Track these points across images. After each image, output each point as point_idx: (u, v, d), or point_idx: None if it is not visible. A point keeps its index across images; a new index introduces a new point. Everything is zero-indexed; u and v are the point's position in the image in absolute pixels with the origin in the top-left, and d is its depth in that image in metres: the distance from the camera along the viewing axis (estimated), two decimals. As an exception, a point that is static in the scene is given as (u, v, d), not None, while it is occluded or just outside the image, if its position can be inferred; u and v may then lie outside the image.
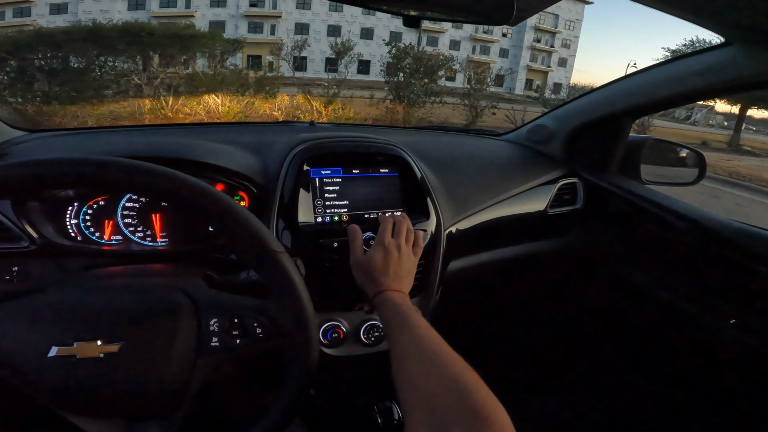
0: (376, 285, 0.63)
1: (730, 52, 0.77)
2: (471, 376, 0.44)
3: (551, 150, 1.18)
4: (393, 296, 0.61)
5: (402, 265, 0.66)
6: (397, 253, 0.66)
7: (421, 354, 0.48)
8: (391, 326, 0.56)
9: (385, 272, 0.64)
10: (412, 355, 0.49)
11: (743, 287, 0.88)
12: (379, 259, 0.65)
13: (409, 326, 0.53)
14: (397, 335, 0.53)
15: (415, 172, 0.84)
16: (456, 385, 0.42)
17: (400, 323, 0.55)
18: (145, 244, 0.71)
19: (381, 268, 0.64)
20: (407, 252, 0.68)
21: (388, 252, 0.66)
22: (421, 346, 0.49)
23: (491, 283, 1.20)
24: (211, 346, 0.46)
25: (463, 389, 0.41)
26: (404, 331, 0.53)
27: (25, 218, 0.64)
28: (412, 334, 0.52)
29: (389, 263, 0.65)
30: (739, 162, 11.35)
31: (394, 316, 0.57)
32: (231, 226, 0.44)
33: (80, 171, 0.41)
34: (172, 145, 0.78)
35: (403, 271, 0.66)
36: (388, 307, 0.59)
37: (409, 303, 0.61)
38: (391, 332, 0.55)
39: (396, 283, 0.64)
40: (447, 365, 0.45)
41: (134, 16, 23.74)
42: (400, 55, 9.91)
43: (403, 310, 0.57)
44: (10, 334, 0.42)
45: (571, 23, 34.82)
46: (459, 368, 0.45)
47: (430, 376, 0.44)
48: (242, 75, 9.32)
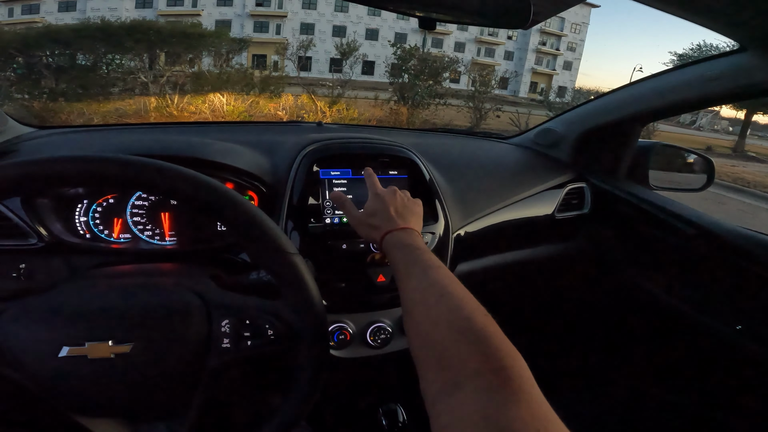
0: (380, 229, 0.58)
1: (745, 58, 0.77)
2: (485, 321, 0.39)
3: (559, 154, 1.18)
4: (400, 236, 0.56)
5: (404, 205, 0.62)
6: (393, 196, 0.62)
7: (431, 298, 0.43)
8: (400, 268, 0.50)
9: (386, 215, 0.59)
10: (421, 300, 0.44)
11: (750, 293, 0.87)
12: (377, 204, 0.61)
13: (418, 267, 0.48)
14: (405, 279, 0.48)
15: (424, 175, 0.84)
16: (469, 332, 0.37)
17: (409, 265, 0.50)
18: (154, 243, 0.71)
19: (381, 211, 0.60)
20: (406, 196, 0.65)
21: (383, 197, 0.62)
22: (431, 288, 0.44)
23: (498, 287, 1.20)
24: (222, 347, 0.45)
25: (476, 336, 0.36)
26: (414, 274, 0.48)
27: (34, 215, 0.64)
28: (421, 276, 0.47)
29: (388, 205, 0.60)
30: (744, 168, 11.28)
31: (403, 257, 0.52)
32: (245, 227, 0.44)
33: (102, 170, 0.41)
34: (182, 143, 0.78)
35: (407, 211, 0.61)
36: (396, 249, 0.54)
37: (418, 241, 0.55)
38: (400, 275, 0.50)
39: (400, 221, 0.59)
40: (460, 308, 0.40)
41: (142, 14, 23.85)
42: (404, 56, 9.90)
43: (411, 250, 0.52)
44: (20, 333, 0.42)
45: (577, 26, 34.76)
46: (471, 312, 0.39)
47: (439, 323, 0.39)
48: (247, 74, 9.35)
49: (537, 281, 1.27)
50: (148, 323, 0.43)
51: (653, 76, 0.99)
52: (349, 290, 0.74)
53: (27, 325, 0.42)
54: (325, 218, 0.76)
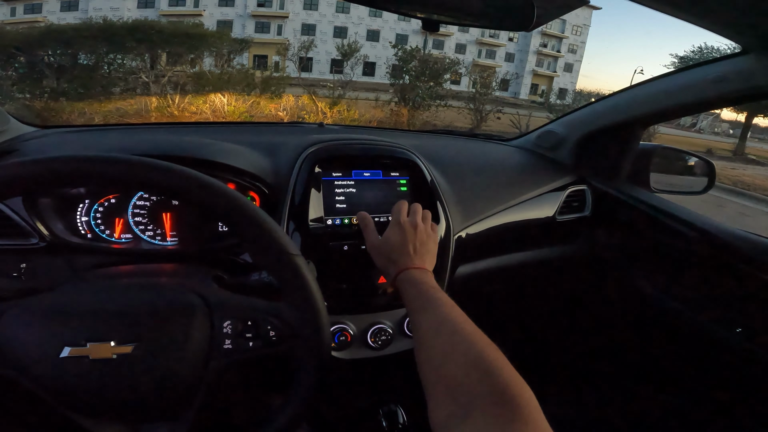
0: (396, 265, 0.61)
1: (747, 61, 0.77)
2: (496, 354, 0.41)
3: (560, 156, 1.18)
4: (414, 274, 0.58)
5: (421, 242, 0.63)
6: (413, 231, 0.64)
7: (444, 332, 0.46)
8: (414, 305, 0.53)
9: (403, 250, 0.61)
10: (434, 334, 0.46)
11: (750, 296, 0.87)
12: (396, 237, 0.63)
13: (431, 304, 0.51)
14: (419, 314, 0.51)
15: (425, 177, 0.84)
16: (480, 364, 0.39)
17: (423, 302, 0.52)
18: (155, 243, 0.71)
19: (399, 246, 0.62)
20: (425, 229, 0.66)
21: (404, 230, 0.63)
22: (444, 323, 0.47)
23: (498, 289, 1.20)
24: (224, 348, 0.45)
25: (487, 368, 0.39)
26: (427, 310, 0.50)
27: (35, 215, 0.64)
28: (434, 312, 0.49)
29: (407, 241, 0.62)
30: (744, 171, 11.29)
31: (416, 294, 0.54)
32: (247, 228, 0.44)
33: (102, 170, 0.41)
34: (183, 143, 0.78)
35: (424, 248, 0.63)
36: (410, 285, 0.56)
37: (432, 281, 0.58)
38: (413, 311, 0.52)
39: (417, 260, 0.61)
40: (471, 343, 0.42)
41: (144, 14, 23.90)
42: (405, 57, 9.92)
43: (425, 289, 0.55)
44: (22, 333, 0.42)
45: (578, 28, 34.82)
46: (483, 346, 0.42)
47: (452, 355, 0.42)
48: (248, 75, 9.37)
49: (537, 284, 1.27)
50: (150, 324, 0.43)
51: (654, 79, 0.99)
52: (350, 291, 0.74)
53: (28, 325, 0.42)
54: (327, 219, 0.76)
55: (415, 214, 0.67)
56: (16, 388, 0.42)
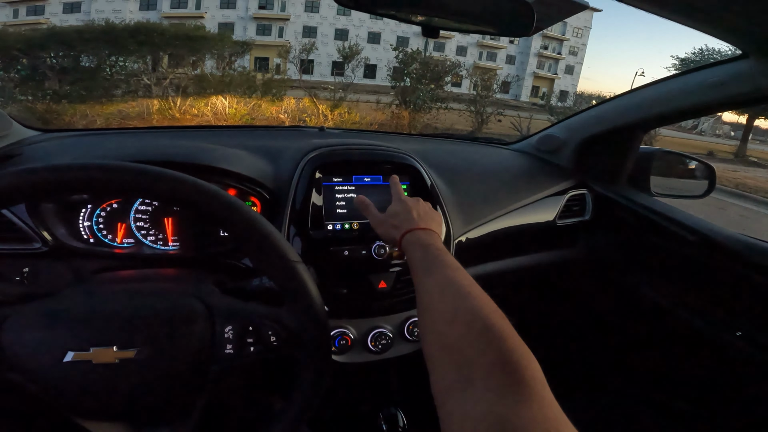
0: (401, 228, 0.59)
1: (747, 65, 0.77)
2: (502, 322, 0.39)
3: (561, 160, 1.18)
4: (420, 235, 0.56)
5: (425, 211, 0.63)
6: (416, 202, 0.64)
7: (448, 295, 0.43)
8: (419, 268, 0.50)
9: (408, 216, 0.60)
10: (438, 297, 0.44)
11: (750, 300, 0.87)
12: (399, 208, 0.63)
13: (437, 266, 0.48)
14: (424, 276, 0.48)
15: (425, 181, 0.85)
16: (484, 331, 0.37)
17: (428, 264, 0.50)
18: (157, 248, 0.72)
19: (404, 213, 0.61)
20: (426, 204, 0.66)
21: (406, 202, 0.64)
22: (449, 286, 0.44)
23: (499, 293, 1.20)
24: (226, 353, 0.46)
25: (491, 335, 0.37)
26: (431, 272, 0.48)
27: (38, 220, 0.64)
28: (440, 274, 0.47)
29: (410, 209, 0.62)
30: (746, 173, 11.28)
31: (422, 256, 0.52)
32: (248, 235, 0.44)
33: (100, 177, 0.41)
34: (185, 149, 0.78)
35: (428, 215, 0.62)
36: (416, 247, 0.54)
37: (438, 242, 0.56)
38: (417, 274, 0.50)
39: (422, 223, 0.59)
40: (476, 308, 0.40)
41: (145, 16, 24.03)
42: (407, 60, 9.94)
43: (431, 250, 0.52)
44: (25, 338, 0.42)
45: (579, 31, 34.86)
46: (488, 312, 0.40)
47: (455, 320, 0.40)
48: (250, 77, 9.38)
49: (538, 288, 1.27)
50: (152, 328, 0.44)
51: (655, 82, 0.99)
52: (350, 296, 0.74)
53: (32, 330, 0.42)
54: (327, 225, 0.76)
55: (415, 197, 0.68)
56: (19, 392, 0.42)
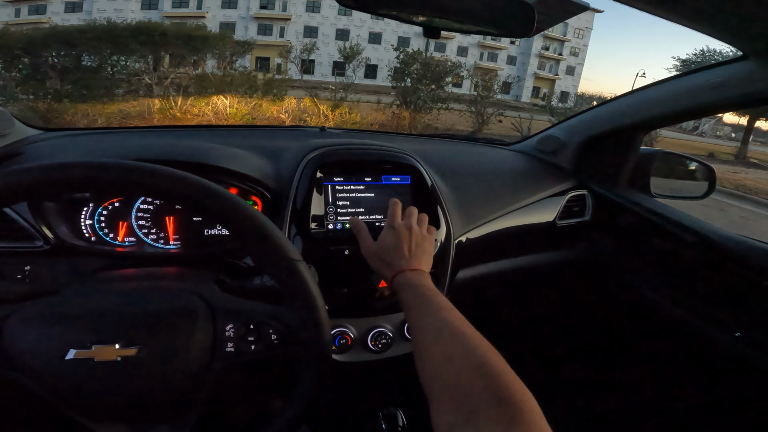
0: (392, 267, 0.60)
1: (747, 66, 0.77)
2: (498, 359, 0.41)
3: (561, 161, 1.18)
4: (411, 277, 0.57)
5: (416, 244, 0.63)
6: (408, 233, 0.63)
7: (445, 336, 0.45)
8: (412, 309, 0.52)
9: (399, 253, 0.61)
10: (434, 338, 0.46)
11: (749, 301, 0.88)
12: (391, 240, 0.62)
13: (431, 308, 0.50)
14: (419, 318, 0.50)
15: (426, 181, 0.85)
16: (482, 369, 0.39)
17: (421, 305, 0.51)
18: (158, 247, 0.72)
19: (394, 248, 0.61)
20: (420, 231, 0.65)
21: (398, 232, 0.63)
22: (444, 328, 0.46)
23: (499, 293, 1.20)
24: (226, 351, 0.46)
25: (489, 373, 0.39)
26: (426, 314, 0.50)
27: (40, 218, 0.65)
28: (434, 316, 0.49)
29: (401, 243, 0.62)
30: (746, 174, 11.27)
31: (415, 297, 0.53)
32: (250, 233, 0.45)
33: (103, 175, 0.41)
34: (187, 148, 0.79)
35: (419, 249, 0.63)
36: (407, 288, 0.56)
37: (429, 283, 0.57)
38: (411, 315, 0.52)
39: (413, 262, 0.60)
40: (472, 348, 0.42)
41: (147, 16, 24.07)
42: (407, 60, 9.94)
43: (422, 291, 0.54)
44: (28, 336, 0.42)
45: (580, 31, 34.86)
46: (484, 351, 0.42)
47: (454, 360, 0.42)
48: (251, 77, 9.39)
49: (538, 288, 1.27)
50: (154, 327, 0.44)
51: (655, 84, 0.99)
52: (350, 295, 0.74)
53: (34, 327, 0.42)
54: (328, 224, 0.77)
55: (410, 217, 0.67)
56: (21, 390, 0.42)
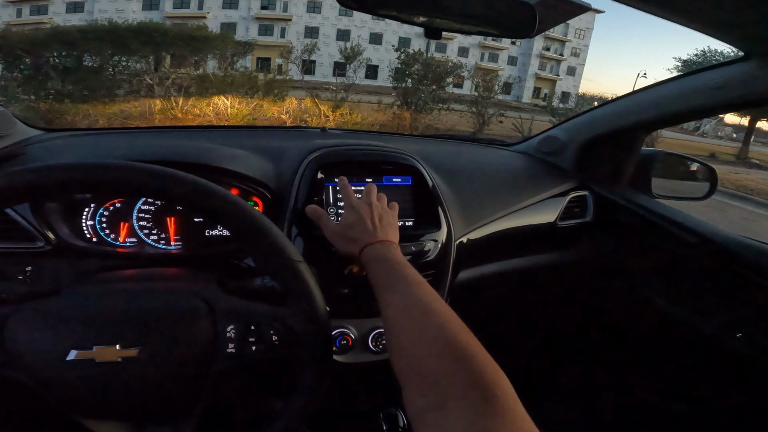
0: (358, 242, 0.57)
1: (748, 67, 0.77)
2: (469, 338, 0.39)
3: (562, 162, 1.18)
4: (378, 249, 0.55)
5: (379, 217, 0.61)
6: (368, 208, 0.61)
7: (413, 313, 0.43)
8: (380, 283, 0.50)
9: (362, 226, 0.59)
10: (403, 315, 0.44)
11: (750, 302, 0.87)
12: (353, 216, 0.60)
13: (399, 282, 0.48)
14: (387, 293, 0.48)
15: (427, 182, 0.85)
16: (452, 349, 0.38)
17: (390, 279, 0.49)
18: (159, 247, 0.72)
19: (357, 225, 0.59)
20: (381, 207, 0.63)
21: (358, 209, 0.61)
22: (415, 303, 0.44)
23: (500, 294, 1.20)
24: (228, 352, 0.46)
25: (461, 355, 0.37)
26: (394, 289, 0.47)
27: (42, 219, 0.65)
28: (403, 292, 0.46)
29: (364, 217, 0.60)
30: (747, 175, 11.25)
31: (383, 272, 0.51)
32: (251, 234, 0.45)
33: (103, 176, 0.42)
34: (188, 149, 0.79)
35: (384, 222, 0.61)
36: (375, 262, 0.53)
37: (399, 255, 0.55)
38: (380, 290, 0.49)
39: (380, 234, 0.58)
40: (442, 326, 0.40)
41: (148, 16, 24.12)
42: (408, 60, 9.95)
43: (390, 265, 0.51)
44: (29, 337, 0.42)
45: (581, 32, 34.85)
46: (455, 329, 0.40)
47: (423, 339, 0.40)
48: (252, 77, 9.41)
49: (539, 289, 1.27)
50: (155, 327, 0.44)
51: (656, 84, 0.99)
52: (351, 296, 0.74)
53: (35, 328, 0.42)
54: (329, 224, 0.77)
55: (369, 194, 0.65)
56: (22, 391, 0.42)
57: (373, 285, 0.51)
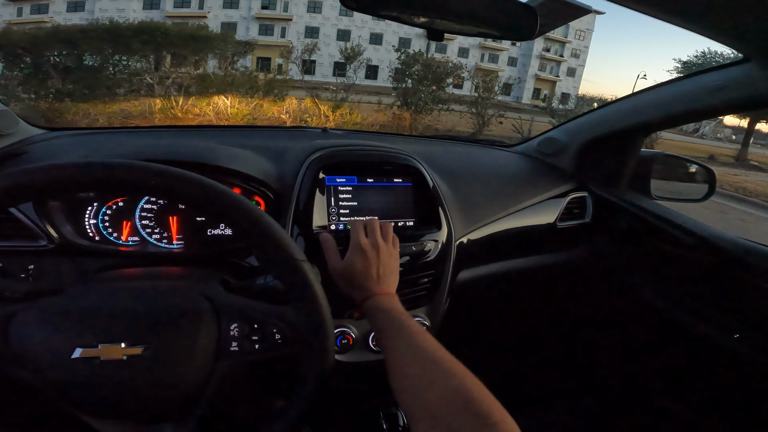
0: (361, 291, 0.61)
1: (748, 69, 0.77)
2: (475, 382, 0.43)
3: (562, 163, 1.19)
4: (381, 300, 0.58)
5: (384, 264, 0.63)
6: (375, 253, 0.63)
7: (422, 361, 0.47)
8: (385, 333, 0.53)
9: (367, 275, 0.61)
10: (411, 362, 0.47)
11: (747, 303, 0.88)
12: (359, 262, 0.62)
13: (404, 332, 0.51)
14: (393, 342, 0.51)
15: (427, 183, 0.85)
16: (461, 392, 0.41)
17: (395, 330, 0.53)
18: (161, 246, 0.72)
19: (362, 271, 0.61)
20: (386, 248, 0.65)
21: (365, 253, 0.62)
22: (420, 352, 0.48)
23: (499, 294, 1.20)
24: (231, 350, 0.46)
25: (468, 396, 0.41)
26: (400, 338, 0.51)
27: (45, 217, 0.65)
28: (409, 340, 0.50)
29: (370, 264, 0.62)
30: (746, 177, 11.26)
31: (387, 322, 0.54)
32: (254, 233, 0.45)
33: (111, 175, 0.42)
34: (191, 149, 0.79)
35: (386, 270, 0.63)
36: (378, 312, 0.57)
37: (399, 306, 0.58)
38: (385, 339, 0.53)
39: (383, 285, 0.61)
40: (450, 372, 0.44)
41: (149, 16, 24.09)
42: (408, 61, 9.94)
43: (395, 315, 0.55)
44: (35, 335, 0.43)
45: (582, 33, 34.86)
46: (462, 375, 0.44)
47: (433, 384, 0.43)
48: (252, 77, 9.40)
49: (538, 289, 1.27)
50: (159, 326, 0.44)
51: (656, 86, 0.99)
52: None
53: (41, 326, 0.43)
54: (330, 224, 0.77)
55: (374, 233, 0.66)
56: (27, 388, 0.43)
57: (376, 332, 0.56)
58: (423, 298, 0.81)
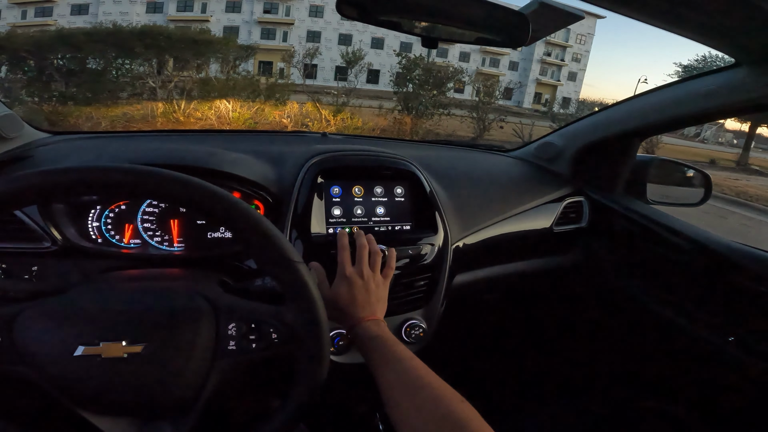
0: (348, 318, 0.61)
1: (740, 73, 0.78)
2: (464, 407, 0.44)
3: (558, 168, 1.20)
4: (369, 327, 0.59)
5: (370, 292, 0.63)
6: (360, 281, 0.63)
7: (411, 387, 0.48)
8: (374, 360, 0.54)
9: (353, 304, 0.62)
10: (401, 389, 0.49)
11: (742, 306, 0.89)
12: (344, 291, 0.62)
13: (393, 359, 0.53)
14: (382, 369, 0.52)
15: (424, 187, 0.86)
16: (450, 418, 0.43)
17: (383, 356, 0.54)
18: (163, 249, 0.74)
19: (347, 300, 0.62)
20: (372, 276, 0.65)
21: (351, 282, 0.63)
22: (410, 379, 0.49)
23: (495, 297, 1.21)
24: (229, 349, 0.47)
25: (457, 422, 0.42)
26: (389, 364, 0.52)
27: (49, 219, 0.66)
28: (398, 366, 0.51)
29: (355, 294, 0.62)
30: (747, 181, 11.24)
31: (375, 349, 0.55)
32: (253, 236, 0.46)
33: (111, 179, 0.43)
34: (192, 153, 0.81)
35: (373, 298, 0.63)
36: (366, 339, 0.58)
37: (387, 332, 0.59)
38: (375, 366, 0.54)
39: (368, 312, 0.61)
40: (439, 398, 0.46)
41: (152, 19, 24.22)
42: (410, 65, 9.99)
43: (382, 342, 0.56)
44: (37, 334, 0.44)
45: (583, 37, 34.96)
46: (451, 400, 0.45)
47: (422, 410, 0.45)
48: (254, 81, 9.44)
49: (534, 293, 1.28)
50: (159, 325, 0.46)
51: (651, 91, 1.00)
52: None
53: (44, 325, 0.44)
54: (329, 228, 0.78)
55: (361, 262, 0.65)
56: (29, 385, 0.44)
57: (365, 359, 0.57)
58: (419, 301, 0.82)
